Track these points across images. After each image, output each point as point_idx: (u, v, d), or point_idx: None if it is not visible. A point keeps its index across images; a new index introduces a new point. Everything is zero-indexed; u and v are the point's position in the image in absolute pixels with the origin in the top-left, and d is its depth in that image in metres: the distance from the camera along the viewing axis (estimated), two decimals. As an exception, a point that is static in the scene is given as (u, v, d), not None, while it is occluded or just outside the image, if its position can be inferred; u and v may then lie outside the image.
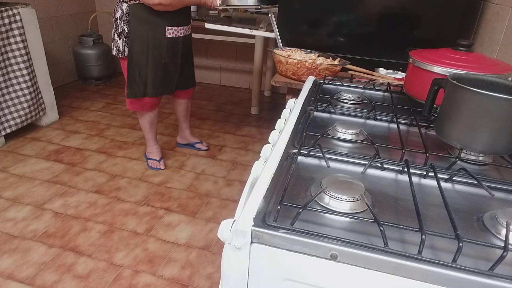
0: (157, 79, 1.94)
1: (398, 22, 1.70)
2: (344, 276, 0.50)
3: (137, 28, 1.81)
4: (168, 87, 2.03)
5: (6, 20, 2.24)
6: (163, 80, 1.98)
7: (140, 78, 1.92)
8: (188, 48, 2.08)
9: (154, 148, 2.28)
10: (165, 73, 1.97)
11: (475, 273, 0.46)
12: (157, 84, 1.96)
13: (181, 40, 1.95)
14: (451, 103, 0.76)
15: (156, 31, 1.83)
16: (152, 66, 1.91)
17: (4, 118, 2.37)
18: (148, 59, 1.88)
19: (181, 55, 2.01)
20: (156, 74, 1.93)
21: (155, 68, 1.91)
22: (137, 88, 1.95)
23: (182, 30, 1.93)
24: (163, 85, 1.99)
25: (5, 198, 1.93)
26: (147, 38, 1.83)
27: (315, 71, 1.46)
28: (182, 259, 1.62)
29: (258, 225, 0.52)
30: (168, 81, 2.01)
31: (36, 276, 1.49)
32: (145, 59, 1.89)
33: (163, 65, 1.93)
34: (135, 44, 1.85)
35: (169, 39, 1.88)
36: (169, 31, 1.86)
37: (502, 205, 0.63)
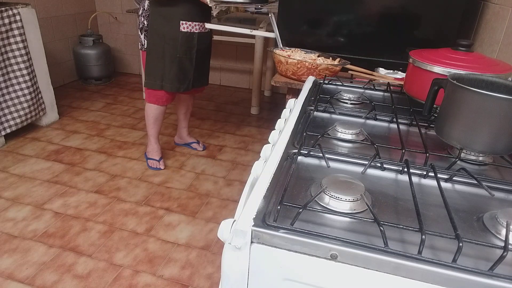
0: (172, 73, 1.97)
1: (398, 22, 1.70)
2: (344, 276, 0.50)
3: (154, 22, 1.90)
4: (184, 83, 2.04)
5: (6, 20, 2.24)
6: (178, 75, 2.00)
7: (157, 71, 1.98)
8: (204, 46, 2.09)
9: (154, 147, 2.28)
10: (180, 68, 1.98)
11: (475, 273, 0.46)
12: (173, 78, 1.99)
13: (196, 36, 1.97)
14: (451, 103, 0.76)
15: (172, 24, 1.88)
16: (168, 60, 1.95)
17: (4, 118, 2.37)
18: (164, 52, 1.93)
19: (197, 52, 2.02)
20: (172, 68, 1.96)
21: (171, 62, 1.95)
22: (154, 79, 2.00)
23: (197, 26, 1.95)
24: (179, 80, 2.01)
25: (5, 198, 1.93)
26: (163, 31, 1.90)
27: (315, 71, 1.46)
28: (182, 259, 1.62)
29: (258, 225, 0.52)
30: (183, 76, 2.02)
31: (36, 276, 1.49)
32: (161, 52, 1.94)
33: (178, 60, 1.95)
34: (152, 37, 1.93)
35: (183, 33, 1.91)
36: (183, 25, 1.89)
37: (502, 205, 0.63)
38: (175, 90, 2.03)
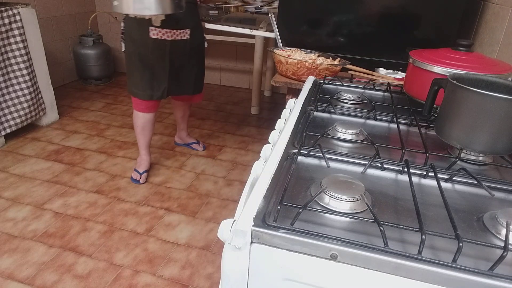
0: (145, 80, 1.89)
1: (398, 22, 1.70)
2: (344, 276, 0.50)
3: (128, 26, 1.84)
4: (158, 91, 1.94)
5: (6, 20, 2.24)
6: (151, 82, 1.91)
7: (132, 76, 1.93)
8: (182, 55, 1.95)
9: (142, 158, 2.18)
10: (153, 76, 1.90)
11: (475, 273, 0.46)
12: (145, 86, 1.91)
13: (169, 44, 1.85)
14: (451, 103, 0.76)
15: (142, 30, 1.80)
16: (140, 66, 1.88)
17: (4, 118, 2.37)
18: (137, 58, 1.87)
19: (171, 61, 1.90)
20: (144, 75, 1.89)
21: (143, 69, 1.88)
22: (130, 85, 1.96)
23: (169, 34, 1.83)
24: (152, 88, 1.92)
25: (5, 198, 1.93)
26: (135, 37, 1.83)
27: (315, 71, 1.46)
28: (182, 259, 1.62)
29: (258, 225, 0.52)
30: (157, 84, 1.93)
31: (36, 276, 1.49)
32: (135, 58, 1.87)
33: (150, 67, 1.87)
34: (127, 41, 1.88)
35: (153, 40, 1.81)
36: (153, 31, 1.79)
37: (502, 205, 0.63)
38: (148, 98, 1.94)
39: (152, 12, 1.43)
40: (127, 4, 1.38)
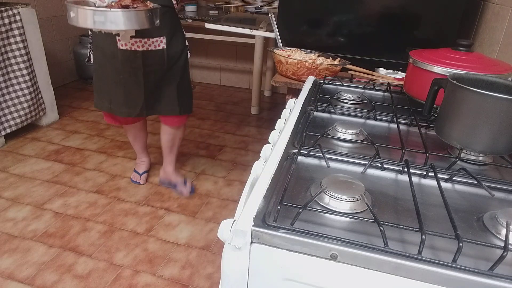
0: (118, 96, 1.69)
1: (398, 22, 1.70)
2: (344, 276, 0.50)
3: (95, 34, 1.63)
4: (135, 108, 1.71)
5: (6, 20, 2.24)
6: (126, 99, 1.69)
7: (104, 91, 1.72)
8: (159, 67, 1.66)
9: (141, 161, 2.14)
10: (127, 91, 1.67)
11: (475, 273, 0.46)
12: (120, 102, 1.70)
13: (141, 55, 1.59)
14: (451, 103, 0.76)
15: (110, 39, 1.57)
16: (112, 80, 1.67)
17: (4, 118, 2.37)
18: (107, 70, 1.66)
19: (146, 74, 1.64)
20: (117, 90, 1.67)
21: (115, 83, 1.66)
22: (101, 100, 1.75)
23: (139, 43, 1.57)
24: (127, 105, 1.70)
25: (5, 198, 1.93)
26: (103, 46, 1.62)
27: (315, 71, 1.46)
28: (182, 259, 1.62)
29: (258, 225, 0.52)
30: (132, 101, 1.70)
31: (36, 276, 1.49)
32: (105, 70, 1.67)
33: (122, 81, 1.65)
34: (95, 51, 1.67)
35: (122, 51, 1.58)
36: (121, 41, 1.57)
37: (502, 205, 0.63)
38: (125, 116, 1.74)
39: (118, 27, 1.18)
40: (85, 17, 1.15)
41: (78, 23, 1.16)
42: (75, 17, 1.16)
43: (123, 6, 1.19)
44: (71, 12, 1.16)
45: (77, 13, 1.15)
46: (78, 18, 1.15)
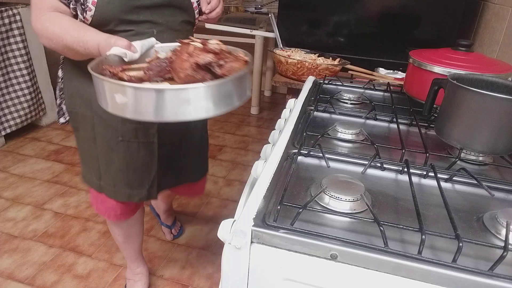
0: (113, 169, 1.07)
1: (398, 22, 1.70)
2: (344, 276, 0.50)
3: (74, 76, 1.04)
4: (141, 187, 1.12)
5: (6, 20, 2.24)
6: (127, 173, 1.08)
7: (91, 160, 1.10)
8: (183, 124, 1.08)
9: (136, 273, 1.44)
10: (130, 162, 1.07)
11: (475, 273, 0.46)
12: (116, 179, 1.09)
13: None
14: (451, 103, 0.76)
15: None
16: (103, 146, 1.05)
17: (4, 118, 2.37)
18: (95, 131, 1.05)
19: (162, 132, 1.07)
20: (112, 160, 1.06)
21: (109, 150, 1.05)
22: (90, 173, 1.13)
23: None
24: (129, 183, 1.10)
25: (5, 198, 1.93)
26: (88, 94, 1.00)
27: (315, 71, 1.46)
28: (182, 259, 1.61)
29: (258, 225, 0.52)
30: (138, 176, 1.10)
31: (36, 276, 1.49)
32: (91, 131, 1.05)
33: (122, 146, 1.05)
34: (72, 98, 1.05)
35: None
36: None
37: (502, 205, 0.63)
38: (124, 199, 1.12)
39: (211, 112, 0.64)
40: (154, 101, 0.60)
41: (135, 113, 0.62)
42: (130, 103, 0.61)
43: (198, 65, 0.65)
44: (118, 95, 0.61)
45: (135, 96, 0.60)
46: (138, 104, 0.60)
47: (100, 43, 0.79)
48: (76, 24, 0.85)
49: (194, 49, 0.67)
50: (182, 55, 0.68)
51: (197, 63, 0.65)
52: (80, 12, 0.88)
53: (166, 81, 0.72)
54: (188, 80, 0.65)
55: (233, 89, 0.66)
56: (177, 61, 0.68)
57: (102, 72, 0.68)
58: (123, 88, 0.61)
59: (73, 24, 0.85)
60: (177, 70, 0.67)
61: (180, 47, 0.71)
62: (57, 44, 0.87)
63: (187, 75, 0.65)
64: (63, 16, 0.88)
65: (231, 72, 0.66)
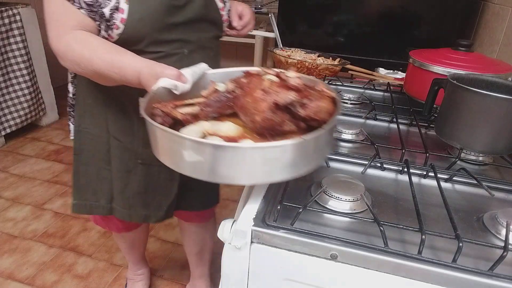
0: (129, 191, 1.01)
1: (398, 22, 1.70)
2: (344, 276, 0.50)
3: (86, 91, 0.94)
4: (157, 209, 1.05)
5: (6, 20, 2.23)
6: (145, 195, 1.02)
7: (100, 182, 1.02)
8: None
9: (137, 274, 1.42)
10: (148, 184, 1.01)
11: (475, 273, 0.46)
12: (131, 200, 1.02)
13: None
14: (451, 103, 0.76)
15: (122, 104, 0.91)
16: (119, 167, 0.99)
17: (4, 118, 2.37)
18: (110, 152, 0.98)
19: None
20: (129, 182, 1.00)
21: (126, 172, 0.99)
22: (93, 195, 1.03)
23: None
24: (145, 204, 1.03)
25: (5, 198, 1.93)
26: (105, 113, 0.94)
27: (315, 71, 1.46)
28: (182, 259, 1.61)
29: (258, 225, 0.52)
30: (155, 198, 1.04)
31: (36, 276, 1.49)
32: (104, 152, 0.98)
33: (142, 169, 0.99)
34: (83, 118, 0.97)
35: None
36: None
37: (502, 205, 0.63)
38: (140, 220, 1.06)
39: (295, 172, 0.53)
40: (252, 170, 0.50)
41: (209, 174, 0.51)
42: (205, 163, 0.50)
43: (277, 105, 0.54)
44: (189, 151, 0.50)
45: (214, 156, 0.49)
46: (217, 165, 0.50)
47: (142, 72, 0.66)
48: (109, 46, 0.73)
49: (270, 85, 0.56)
50: (253, 92, 0.56)
51: (276, 103, 0.53)
52: (104, 29, 0.76)
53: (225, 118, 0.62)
54: (266, 124, 0.53)
55: (327, 140, 0.55)
56: (247, 99, 0.57)
57: (153, 112, 0.58)
58: (198, 145, 0.49)
59: (105, 46, 0.73)
60: (249, 110, 0.56)
61: (247, 79, 0.60)
62: (85, 69, 0.73)
63: (266, 118, 0.53)
64: (91, 35, 0.75)
65: (318, 115, 0.54)
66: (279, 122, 0.54)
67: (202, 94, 0.64)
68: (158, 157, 0.57)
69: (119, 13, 0.74)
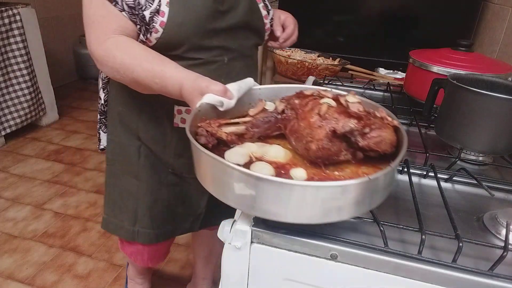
0: (157, 206, 0.96)
1: (398, 22, 1.70)
2: (344, 276, 0.50)
3: (118, 104, 0.92)
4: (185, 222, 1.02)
5: (6, 20, 2.23)
6: (173, 208, 0.98)
7: (127, 199, 0.96)
8: None
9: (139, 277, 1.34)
10: (178, 195, 0.98)
11: (475, 273, 0.46)
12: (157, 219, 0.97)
13: None
14: (451, 103, 0.76)
15: (155, 112, 0.88)
16: (149, 180, 0.94)
17: (4, 118, 2.37)
18: (139, 164, 0.93)
19: None
20: (158, 196, 0.95)
21: (156, 184, 0.94)
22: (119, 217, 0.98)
23: None
24: (172, 219, 1.00)
25: (5, 198, 1.93)
26: (137, 121, 0.90)
27: (315, 71, 1.46)
28: (182, 259, 1.61)
29: (258, 225, 0.52)
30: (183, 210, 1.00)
31: (36, 276, 1.49)
32: (134, 164, 0.93)
33: (173, 179, 0.95)
34: (116, 134, 0.94)
35: (180, 131, 0.89)
36: (181, 115, 0.87)
37: (502, 205, 0.63)
38: (165, 238, 1.01)
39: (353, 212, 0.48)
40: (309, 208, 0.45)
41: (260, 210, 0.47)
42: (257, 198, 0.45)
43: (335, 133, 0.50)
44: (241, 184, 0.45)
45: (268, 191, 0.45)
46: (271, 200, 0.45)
47: (185, 84, 0.63)
48: (151, 54, 0.70)
49: (327, 109, 0.52)
50: (308, 116, 0.52)
51: (334, 130, 0.50)
52: (142, 33, 0.74)
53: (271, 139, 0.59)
54: (322, 154, 0.50)
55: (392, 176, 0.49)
56: (301, 123, 0.53)
57: (197, 132, 0.55)
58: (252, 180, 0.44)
59: (146, 54, 0.70)
60: (302, 135, 0.52)
61: (300, 100, 0.56)
62: (124, 76, 0.71)
63: (322, 147, 0.49)
64: (132, 41, 0.72)
65: (379, 146, 0.50)
66: (335, 152, 0.50)
67: (250, 113, 0.60)
68: (201, 181, 0.53)
69: (159, 16, 0.72)
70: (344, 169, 0.51)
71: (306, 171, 0.50)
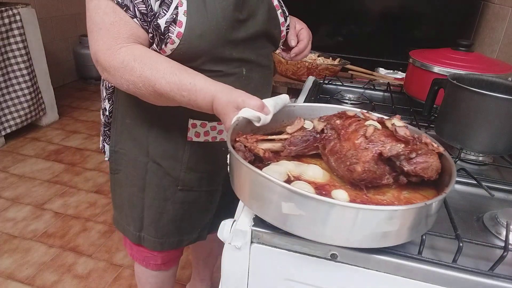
0: (164, 219, 0.93)
1: (398, 22, 1.70)
2: (344, 276, 0.50)
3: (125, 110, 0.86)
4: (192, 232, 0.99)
5: (6, 20, 2.24)
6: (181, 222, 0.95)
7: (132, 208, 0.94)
8: None
9: None
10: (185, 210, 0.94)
11: (475, 273, 0.46)
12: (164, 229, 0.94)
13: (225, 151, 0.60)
14: (451, 103, 0.76)
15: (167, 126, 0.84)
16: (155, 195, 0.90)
17: (4, 118, 2.37)
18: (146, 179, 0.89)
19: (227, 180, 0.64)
20: (164, 210, 0.92)
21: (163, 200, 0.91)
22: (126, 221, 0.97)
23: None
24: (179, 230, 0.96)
25: (5, 198, 1.93)
26: (147, 136, 0.85)
27: (315, 71, 1.46)
28: (182, 259, 1.61)
29: (258, 225, 0.52)
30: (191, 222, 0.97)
31: (36, 276, 1.49)
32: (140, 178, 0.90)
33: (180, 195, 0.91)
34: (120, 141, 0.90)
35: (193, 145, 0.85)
36: (196, 129, 0.83)
37: (502, 205, 0.63)
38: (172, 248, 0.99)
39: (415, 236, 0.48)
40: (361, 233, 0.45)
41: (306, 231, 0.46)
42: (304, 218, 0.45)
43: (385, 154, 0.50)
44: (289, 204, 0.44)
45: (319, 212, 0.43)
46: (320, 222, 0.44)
47: (219, 98, 0.60)
48: (174, 66, 0.65)
49: (373, 132, 0.51)
50: (353, 137, 0.52)
51: (381, 153, 0.49)
52: (156, 43, 0.70)
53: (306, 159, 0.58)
54: (366, 176, 0.49)
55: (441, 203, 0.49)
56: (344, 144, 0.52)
57: (235, 146, 0.53)
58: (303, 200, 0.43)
59: (169, 65, 0.65)
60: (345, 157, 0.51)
61: (343, 121, 0.56)
62: (143, 89, 0.66)
63: (368, 170, 0.49)
64: (150, 52, 0.67)
65: (425, 171, 0.50)
66: (380, 175, 0.50)
67: (288, 130, 0.59)
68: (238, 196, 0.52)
69: (177, 26, 0.67)
70: (386, 193, 0.51)
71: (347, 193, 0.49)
